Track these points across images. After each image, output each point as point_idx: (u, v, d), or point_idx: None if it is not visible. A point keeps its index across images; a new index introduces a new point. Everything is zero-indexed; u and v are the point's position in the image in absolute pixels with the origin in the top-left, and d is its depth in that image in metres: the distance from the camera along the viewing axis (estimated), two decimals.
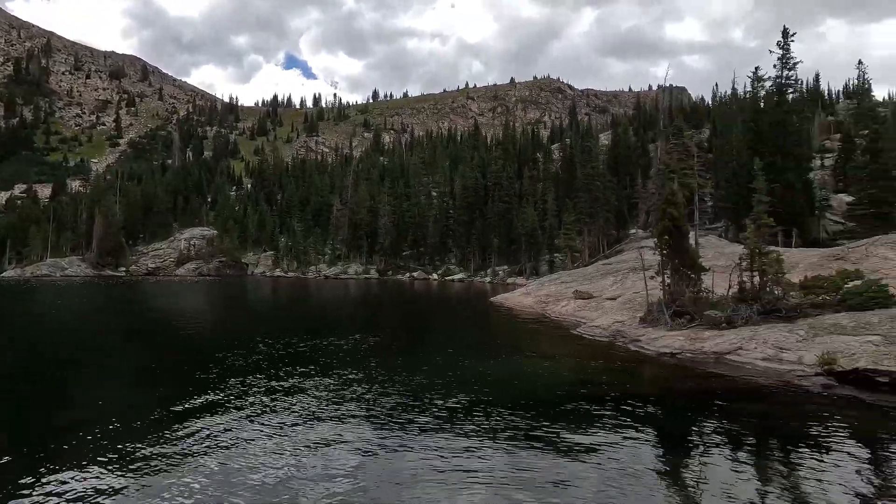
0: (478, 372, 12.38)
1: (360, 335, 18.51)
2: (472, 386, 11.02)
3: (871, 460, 7.29)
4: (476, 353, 15.43)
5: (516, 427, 8.36)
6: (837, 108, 79.93)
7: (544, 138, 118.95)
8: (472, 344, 17.98)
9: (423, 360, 14.57)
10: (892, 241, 20.38)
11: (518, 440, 7.76)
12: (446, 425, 8.39)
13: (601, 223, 53.17)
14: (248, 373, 11.99)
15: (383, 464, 6.91)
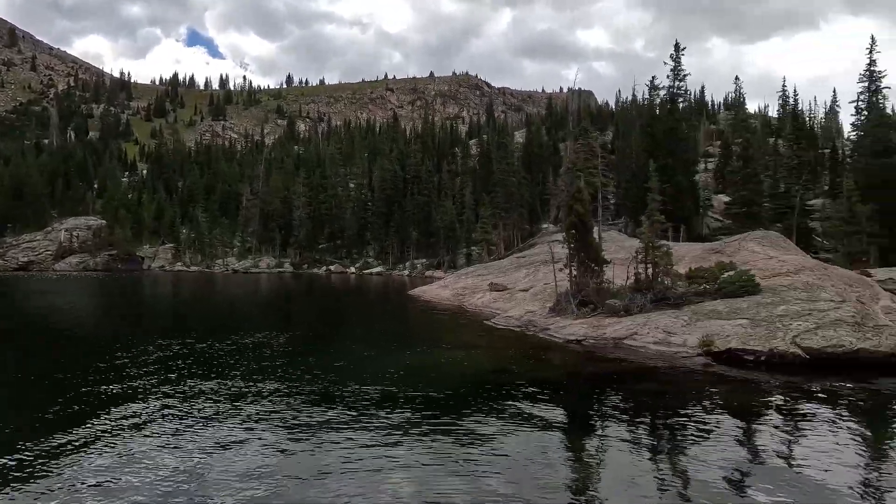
0: (395, 365, 12.37)
1: (272, 332, 17.68)
2: (390, 379, 10.99)
3: (741, 427, 8.33)
4: (394, 346, 15.41)
5: (433, 417, 8.48)
6: (719, 117, 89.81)
7: (462, 133, 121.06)
8: (390, 337, 17.93)
9: (340, 355, 14.27)
10: (759, 236, 23.35)
11: (435, 430, 7.87)
12: (362, 419, 8.30)
13: (516, 218, 55.37)
14: (136, 378, 10.91)
15: (297, 462, 6.67)
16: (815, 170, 52.85)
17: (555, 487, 6.02)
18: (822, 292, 15.22)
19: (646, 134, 46.11)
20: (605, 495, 5.94)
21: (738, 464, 6.72)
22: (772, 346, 12.09)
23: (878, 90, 40.82)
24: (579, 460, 7.06)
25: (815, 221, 41.93)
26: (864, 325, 12.70)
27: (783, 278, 16.81)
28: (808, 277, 16.74)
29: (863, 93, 41.41)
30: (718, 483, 6.10)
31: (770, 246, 21.89)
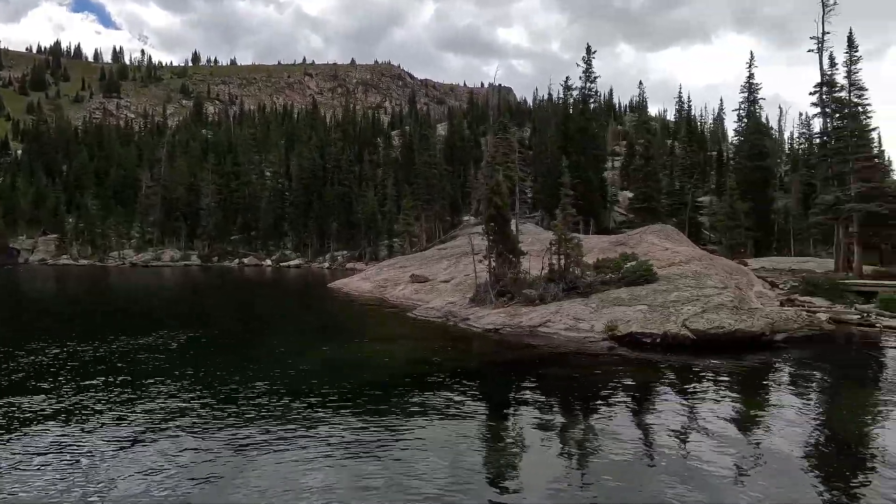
0: (314, 360, 12.04)
1: (174, 331, 16.37)
2: (308, 374, 10.69)
3: (641, 403, 9.13)
4: (314, 341, 14.98)
5: (354, 410, 8.38)
6: (625, 119, 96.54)
7: (385, 124, 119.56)
8: (308, 332, 17.39)
9: (256, 352, 13.61)
10: (657, 230, 25.58)
11: (357, 422, 7.79)
12: (283, 416, 8.00)
13: (438, 209, 55.87)
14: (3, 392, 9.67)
15: (211, 464, 6.28)
16: (705, 170, 58.75)
17: (474, 471, 6.22)
18: (708, 280, 17.03)
19: (560, 132, 48.45)
20: (522, 476, 6.24)
21: (639, 436, 7.39)
22: (666, 329, 13.34)
23: (755, 100, 46.19)
24: (498, 443, 7.35)
25: (703, 216, 46.70)
26: (740, 309, 14.42)
27: (676, 267, 18.59)
28: (697, 267, 18.65)
29: (743, 102, 46.64)
30: (623, 455, 6.66)
31: (666, 238, 24.08)
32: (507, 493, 5.75)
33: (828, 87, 28.54)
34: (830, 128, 29.19)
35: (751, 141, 43.91)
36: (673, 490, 5.69)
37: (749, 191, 40.26)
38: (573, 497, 5.64)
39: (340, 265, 55.27)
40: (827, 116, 29.28)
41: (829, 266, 27.24)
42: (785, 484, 5.92)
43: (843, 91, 27.99)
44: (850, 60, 27.81)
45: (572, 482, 6.01)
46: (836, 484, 6.01)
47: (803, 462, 6.64)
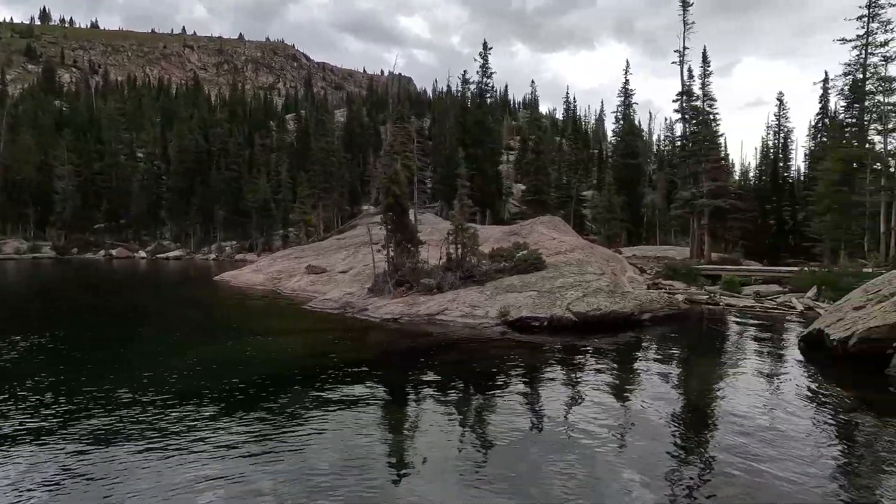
0: (199, 358, 11.08)
1: (14, 336, 14.06)
2: (191, 374, 9.81)
3: (531, 382, 9.74)
4: (196, 338, 13.79)
5: (245, 409, 7.86)
6: (519, 115, 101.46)
7: (278, 106, 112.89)
8: (191, 328, 15.95)
9: (125, 354, 12.15)
10: (546, 221, 27.34)
11: (249, 420, 7.31)
12: (160, 423, 7.23)
13: (336, 198, 54.28)
14: None
15: (79, 486, 5.48)
16: (587, 166, 63.99)
17: (372, 459, 6.18)
18: (588, 267, 18.61)
19: (458, 124, 49.55)
20: (418, 459, 6.32)
21: (529, 411, 7.89)
22: (552, 313, 14.36)
23: (629, 105, 51.17)
24: (396, 430, 7.37)
25: (586, 209, 50.92)
26: (615, 293, 15.98)
27: (562, 256, 20.05)
28: (579, 255, 20.28)
29: (620, 106, 51.45)
30: (515, 430, 7.05)
31: (554, 229, 25.84)
32: (406, 477, 5.81)
33: (686, 97, 32.52)
34: (688, 132, 33.34)
35: (625, 141, 48.67)
36: (558, 457, 6.17)
37: (623, 186, 44.72)
38: (467, 473, 5.85)
39: (229, 256, 51.48)
40: (685, 122, 33.40)
41: (687, 253, 31.29)
42: (650, 443, 6.72)
43: (698, 100, 32.08)
44: (704, 74, 31.96)
45: (467, 459, 6.24)
46: (691, 439, 6.96)
47: (664, 422, 7.58)
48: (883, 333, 9.84)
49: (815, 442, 6.84)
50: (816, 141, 44.03)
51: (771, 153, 49.07)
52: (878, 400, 8.56)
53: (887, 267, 20.03)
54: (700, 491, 5.53)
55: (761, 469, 5.99)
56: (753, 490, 5.46)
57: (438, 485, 5.62)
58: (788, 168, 48.94)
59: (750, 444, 6.74)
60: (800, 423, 7.55)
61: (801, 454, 6.41)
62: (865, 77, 29.42)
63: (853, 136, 31.32)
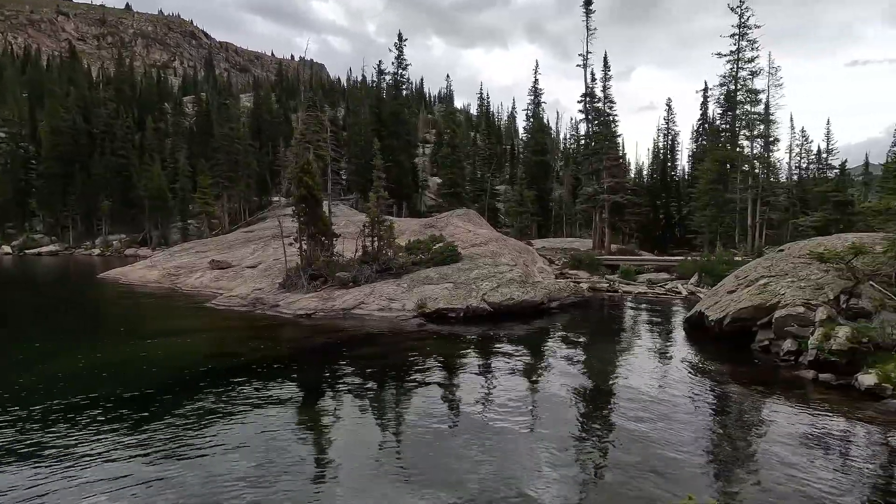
0: (88, 363, 9.89)
1: None
2: (81, 382, 8.73)
3: (446, 369, 9.90)
4: (78, 342, 12.28)
5: (147, 416, 7.16)
6: (435, 108, 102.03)
7: (174, 87, 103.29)
8: (75, 332, 14.17)
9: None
10: (462, 213, 27.86)
11: (151, 429, 6.66)
12: (45, 436, 6.34)
13: (243, 189, 51.00)
14: None
15: None
16: (500, 161, 66.11)
17: (288, 465, 5.92)
18: (502, 258, 19.29)
19: (373, 114, 48.74)
20: (337, 464, 6.17)
21: (446, 400, 8.02)
22: (468, 304, 14.72)
23: (539, 103, 53.52)
24: (313, 433, 7.12)
25: (500, 202, 52.64)
26: (526, 283, 16.73)
27: (477, 248, 20.58)
28: (493, 247, 20.94)
29: (530, 104, 53.64)
30: (433, 423, 7.13)
31: (469, 222, 26.41)
32: (324, 480, 5.65)
33: (590, 98, 34.72)
34: (591, 132, 35.65)
35: (535, 138, 50.92)
36: (476, 443, 6.36)
37: (534, 181, 46.83)
38: (386, 470, 5.83)
39: (117, 252, 46.52)
40: (589, 122, 35.67)
41: (590, 245, 33.57)
42: (559, 419, 7.15)
43: (600, 102, 34.39)
44: (605, 78, 34.29)
45: (387, 455, 6.22)
46: (594, 411, 7.51)
47: (571, 399, 8.12)
48: (750, 314, 11.31)
49: (695, 407, 7.80)
50: (698, 144, 49.25)
51: (661, 154, 54.10)
52: (745, 371, 9.85)
53: (753, 256, 23.03)
54: (603, 458, 6.01)
55: (652, 433, 6.67)
56: (645, 452, 6.06)
57: (358, 484, 5.54)
58: (675, 168, 54.32)
59: (643, 412, 7.49)
60: (684, 392, 8.50)
61: (685, 418, 7.26)
62: (737, 88, 33.39)
63: (727, 141, 35.46)
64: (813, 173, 44.57)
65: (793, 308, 10.35)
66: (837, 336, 9.10)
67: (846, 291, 10.39)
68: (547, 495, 5.23)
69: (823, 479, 5.52)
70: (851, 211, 27.17)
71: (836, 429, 6.98)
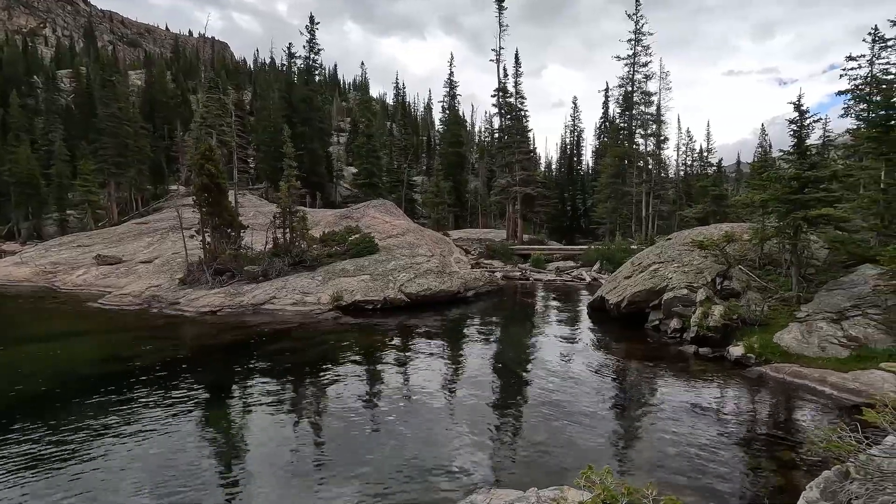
0: None
1: None
2: None
3: (367, 362, 9.79)
4: None
5: (22, 432, 6.27)
6: (349, 96, 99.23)
7: (46, 58, 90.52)
8: None
9: None
10: (378, 204, 27.53)
11: (30, 442, 5.84)
12: None
13: (134, 176, 46.11)
14: None
15: None
16: (417, 152, 66.10)
17: (195, 472, 5.53)
18: (419, 249, 19.39)
19: (283, 99, 46.42)
20: (251, 461, 5.88)
21: (362, 391, 7.94)
22: (385, 295, 14.65)
23: (454, 96, 54.16)
24: (221, 436, 6.69)
25: (417, 193, 52.71)
26: (443, 273, 17.00)
27: (395, 239, 20.49)
28: (411, 238, 20.97)
29: (446, 96, 54.12)
30: (351, 415, 7.03)
31: (386, 213, 26.17)
32: (237, 486, 5.36)
33: (502, 93, 35.76)
34: (504, 126, 36.81)
35: (451, 130, 51.56)
36: (394, 431, 6.38)
37: (450, 173, 47.48)
38: (302, 468, 5.67)
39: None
40: (502, 116, 36.79)
41: (504, 235, 34.80)
42: (477, 398, 7.40)
43: (512, 97, 35.55)
44: (517, 74, 35.51)
45: (302, 454, 6.04)
46: (509, 389, 7.87)
47: (487, 379, 8.44)
48: (643, 297, 12.44)
49: (596, 382, 8.50)
50: (600, 140, 52.86)
51: (567, 149, 57.33)
52: (639, 348, 10.84)
53: (647, 244, 25.30)
54: (516, 434, 6.34)
55: (558, 409, 7.15)
56: (553, 426, 6.49)
57: (273, 488, 5.33)
58: (581, 162, 57.90)
59: (551, 389, 8.01)
60: (587, 369, 9.20)
61: (588, 393, 7.88)
62: (633, 90, 36.23)
63: (625, 138, 38.44)
64: (696, 169, 49.78)
65: (678, 290, 11.55)
66: (713, 314, 10.32)
67: (721, 274, 11.79)
68: (463, 477, 5.40)
69: (701, 439, 6.27)
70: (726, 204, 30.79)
71: (711, 395, 7.95)
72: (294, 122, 38.17)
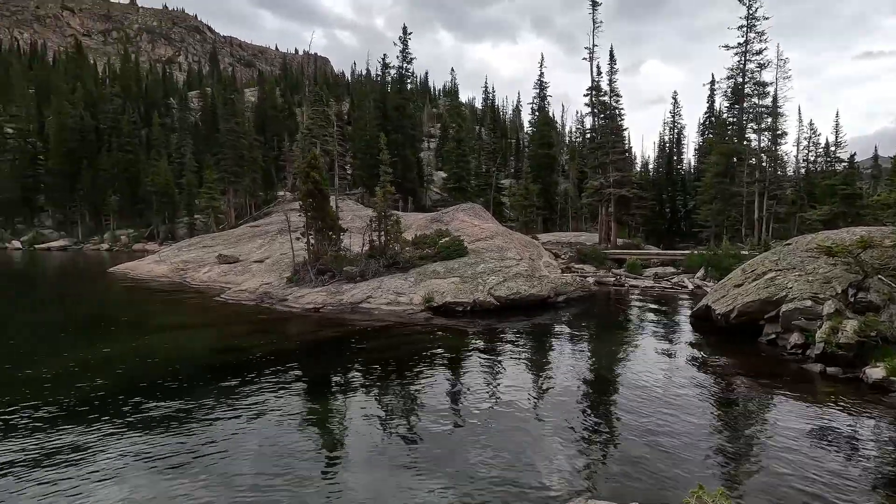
0: (95, 356, 10.05)
1: None
2: (90, 374, 8.89)
3: (454, 362, 10.00)
4: (92, 335, 12.47)
5: (156, 409, 7.30)
6: (439, 102, 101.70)
7: (180, 82, 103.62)
8: (85, 325, 14.38)
9: (5, 355, 10.71)
10: (467, 208, 27.86)
11: (161, 421, 6.80)
12: (43, 431, 6.50)
13: (248, 183, 51.17)
14: None
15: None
16: (506, 155, 65.94)
17: (299, 456, 6.04)
18: (508, 253, 19.33)
19: (378, 108, 48.68)
20: (347, 454, 6.29)
21: (454, 393, 8.12)
22: (475, 298, 14.79)
23: (544, 97, 53.28)
24: (323, 425, 7.23)
25: (505, 196, 52.56)
26: (532, 277, 16.79)
27: (483, 242, 20.62)
28: (500, 241, 20.97)
29: (535, 97, 53.41)
30: (442, 415, 7.23)
31: (475, 216, 26.42)
32: (335, 471, 5.76)
33: (596, 92, 34.51)
34: (597, 126, 35.48)
35: (541, 132, 50.73)
36: (484, 434, 6.45)
37: (539, 175, 46.73)
38: (396, 461, 5.94)
39: (125, 246, 46.90)
40: (595, 116, 35.48)
41: (596, 239, 33.52)
42: (566, 412, 7.23)
43: (606, 96, 34.18)
44: (611, 71, 34.07)
45: (396, 446, 6.32)
46: (600, 406, 7.59)
47: (578, 392, 8.19)
48: (757, 308, 11.33)
49: (702, 399, 7.84)
50: (704, 137, 48.93)
51: (666, 147, 53.77)
52: (752, 364, 9.88)
53: (760, 249, 22.96)
54: (611, 448, 6.09)
55: (659, 424, 6.73)
56: (653, 441, 6.13)
57: (369, 475, 5.65)
58: (681, 161, 54.02)
59: (650, 403, 7.55)
60: (690, 384, 8.55)
61: (692, 409, 7.31)
62: (744, 81, 33.11)
63: (734, 134, 35.22)
64: (821, 166, 44.19)
65: (800, 302, 10.36)
66: (845, 329, 9.12)
67: (854, 285, 10.38)
68: (556, 484, 5.32)
69: (829, 472, 5.58)
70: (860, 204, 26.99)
71: (843, 422, 7.03)
72: (387, 130, 39.91)
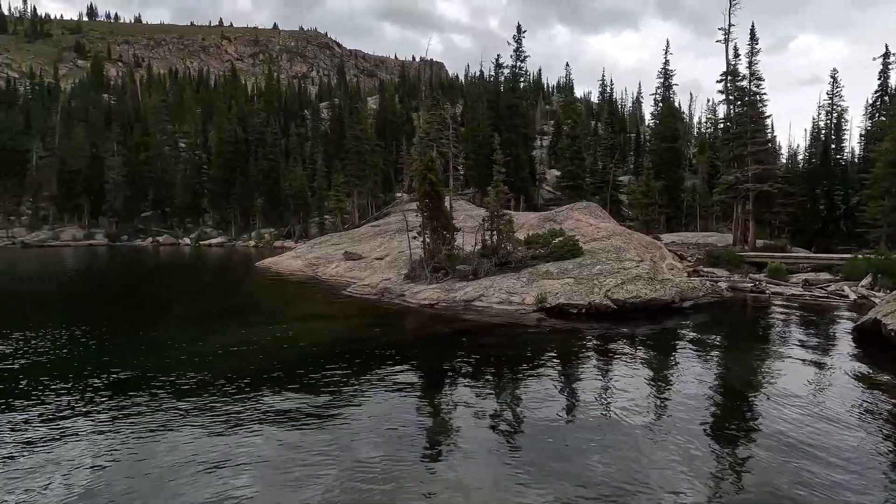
0: (242, 339, 11.63)
1: (73, 322, 15.09)
2: (237, 355, 10.34)
3: (568, 365, 9.79)
4: (240, 321, 14.42)
5: (285, 386, 8.28)
6: (553, 99, 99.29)
7: (312, 95, 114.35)
8: (235, 312, 16.67)
9: (176, 334, 12.88)
10: (582, 207, 26.90)
11: (289, 397, 7.71)
12: (208, 403, 7.72)
13: (370, 186, 54.83)
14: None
15: (130, 460, 5.98)
16: (624, 151, 62.25)
17: (411, 439, 6.43)
18: (626, 254, 18.30)
19: (491, 109, 49.02)
20: (457, 441, 6.53)
21: (566, 397, 7.97)
22: (591, 300, 14.27)
23: (669, 86, 49.30)
24: (434, 413, 7.60)
25: (623, 194, 49.65)
26: (654, 280, 15.70)
27: (599, 242, 19.77)
28: (617, 241, 19.93)
29: (659, 87, 49.65)
30: (551, 416, 7.16)
31: (590, 215, 25.40)
32: (442, 455, 6.02)
33: (732, 77, 31.07)
34: (733, 114, 31.92)
35: (665, 124, 47.02)
36: (594, 441, 6.25)
37: (662, 171, 43.36)
38: (502, 454, 6.01)
39: (268, 243, 53.06)
40: (730, 103, 31.97)
41: (729, 240, 30.20)
42: (689, 421, 6.69)
43: (744, 80, 30.60)
44: (752, 52, 30.41)
45: (502, 441, 6.41)
46: (730, 428, 6.89)
47: (703, 408, 7.52)
48: None
49: (859, 420, 6.65)
50: (874, 120, 41.41)
51: (822, 134, 46.41)
52: None
53: None
54: (740, 463, 5.51)
55: (801, 441, 5.92)
56: (792, 459, 5.40)
57: (474, 464, 5.81)
58: (841, 150, 46.16)
59: (793, 420, 6.66)
60: (846, 404, 7.36)
61: (845, 431, 6.26)
62: None
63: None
64: None
65: None
66: None
67: None
68: (676, 495, 4.97)
69: None
70: None
71: None
72: (500, 130, 40.04)
